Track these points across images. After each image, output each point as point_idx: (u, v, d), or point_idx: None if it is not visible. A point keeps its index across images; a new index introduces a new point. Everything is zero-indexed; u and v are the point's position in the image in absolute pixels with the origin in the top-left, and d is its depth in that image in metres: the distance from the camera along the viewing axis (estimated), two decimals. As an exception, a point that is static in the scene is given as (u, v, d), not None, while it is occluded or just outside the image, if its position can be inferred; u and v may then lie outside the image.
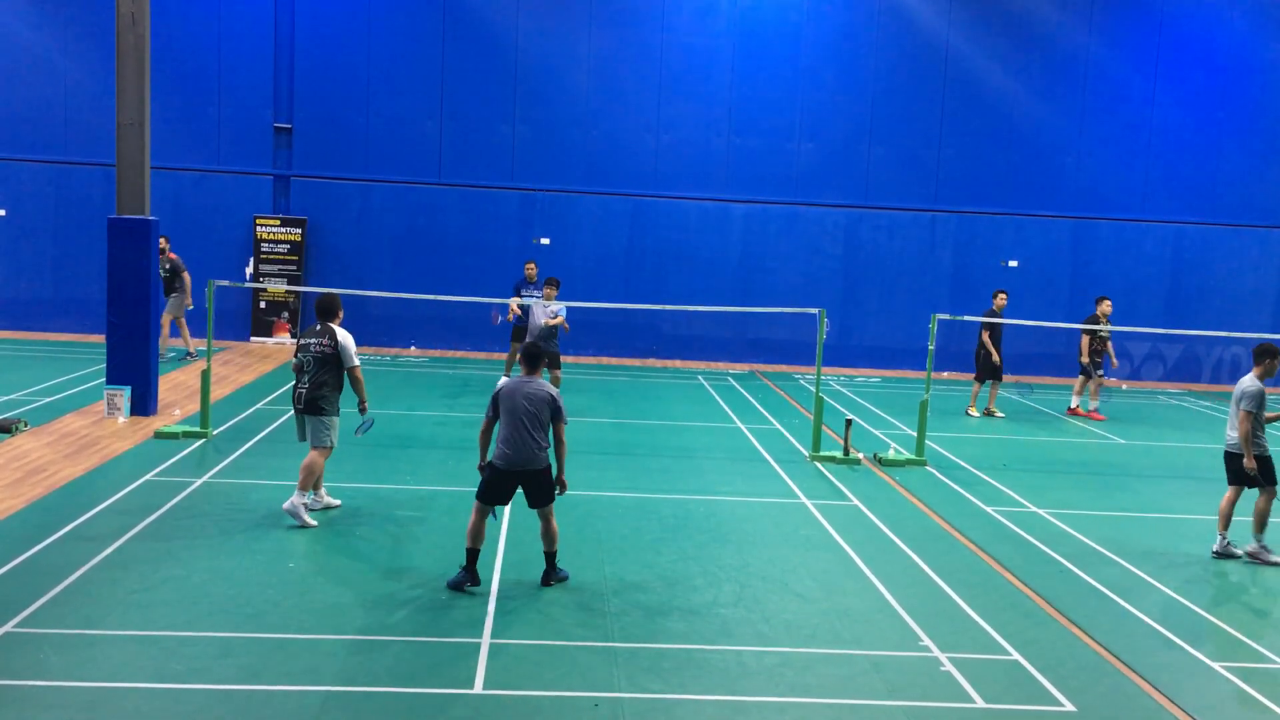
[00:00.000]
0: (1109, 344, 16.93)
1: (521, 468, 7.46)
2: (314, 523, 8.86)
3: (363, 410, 9.21)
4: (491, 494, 7.53)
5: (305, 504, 8.86)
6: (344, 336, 8.97)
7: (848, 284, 21.41)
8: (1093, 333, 16.45)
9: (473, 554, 7.52)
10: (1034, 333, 20.60)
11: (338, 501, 9.47)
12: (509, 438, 7.45)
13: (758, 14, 20.82)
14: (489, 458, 7.61)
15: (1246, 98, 21.55)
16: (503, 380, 7.97)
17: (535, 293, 15.84)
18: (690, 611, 7.32)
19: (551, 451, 7.63)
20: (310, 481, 8.93)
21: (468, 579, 7.47)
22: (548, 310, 14.42)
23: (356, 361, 9.00)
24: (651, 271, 20.93)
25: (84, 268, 19.98)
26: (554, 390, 7.60)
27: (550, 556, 7.72)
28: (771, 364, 21.23)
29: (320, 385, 8.85)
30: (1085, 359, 16.57)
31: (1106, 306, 16.62)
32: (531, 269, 16.26)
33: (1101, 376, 16.88)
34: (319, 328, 9.00)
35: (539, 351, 7.77)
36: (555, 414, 7.55)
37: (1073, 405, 16.86)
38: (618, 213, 21.02)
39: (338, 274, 20.43)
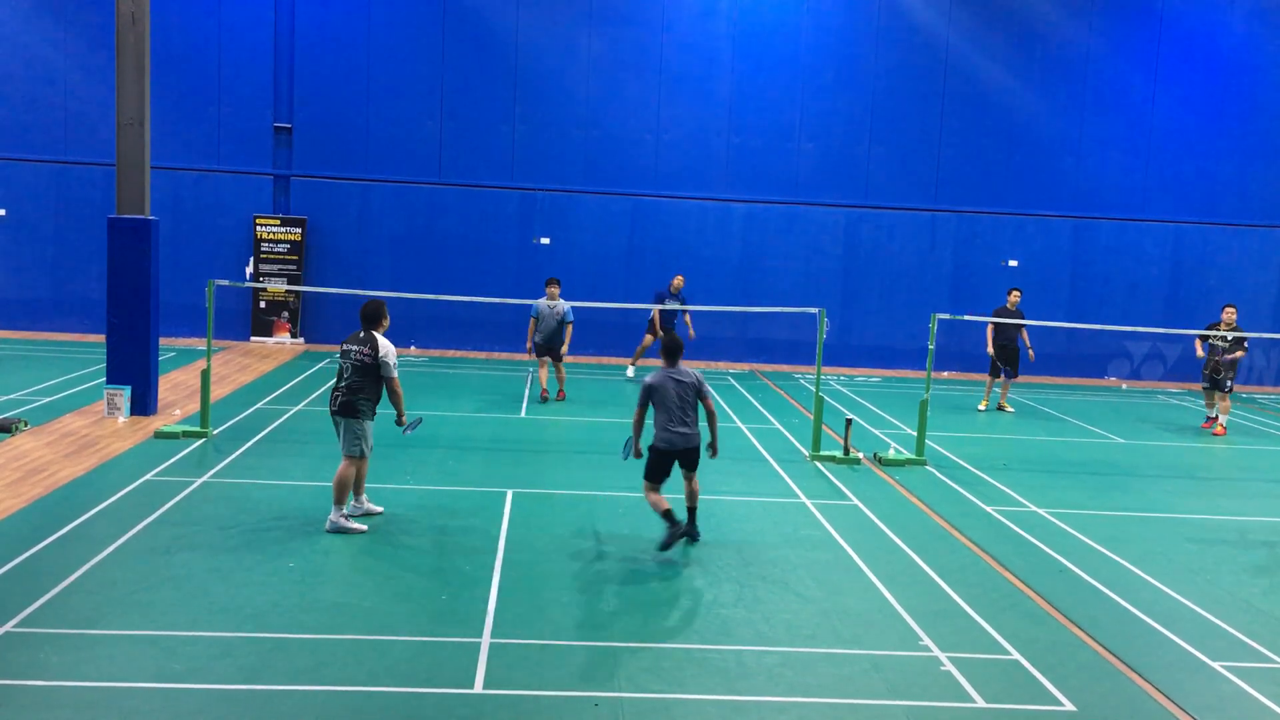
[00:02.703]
0: (1226, 355, 15.54)
1: (682, 447, 8.52)
2: (363, 528, 8.76)
3: (400, 423, 9.11)
4: (657, 472, 8.57)
5: (345, 515, 8.77)
6: (385, 346, 8.79)
7: (848, 284, 21.41)
8: (1204, 338, 15.62)
9: (668, 514, 8.37)
10: (1035, 332, 20.60)
11: (380, 508, 9.26)
12: (668, 423, 8.45)
13: (758, 14, 20.82)
14: (651, 442, 8.62)
15: (1246, 98, 21.56)
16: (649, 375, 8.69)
17: (674, 303, 16.48)
18: (690, 611, 7.32)
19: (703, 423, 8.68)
20: (344, 495, 8.79)
21: (676, 530, 8.32)
22: (555, 310, 15.27)
23: (395, 373, 8.82)
24: (651, 271, 20.92)
25: (84, 268, 20.00)
26: (698, 373, 8.60)
27: (692, 511, 8.78)
28: (771, 364, 21.23)
29: (357, 390, 8.73)
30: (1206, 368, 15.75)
31: (1228, 315, 15.61)
32: (678, 281, 17.34)
33: (1211, 391, 15.82)
34: (362, 335, 8.83)
35: (678, 344, 8.66)
36: (701, 393, 8.56)
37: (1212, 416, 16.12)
38: (618, 213, 21.03)
39: (338, 274, 20.44)
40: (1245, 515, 10.93)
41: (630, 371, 18.55)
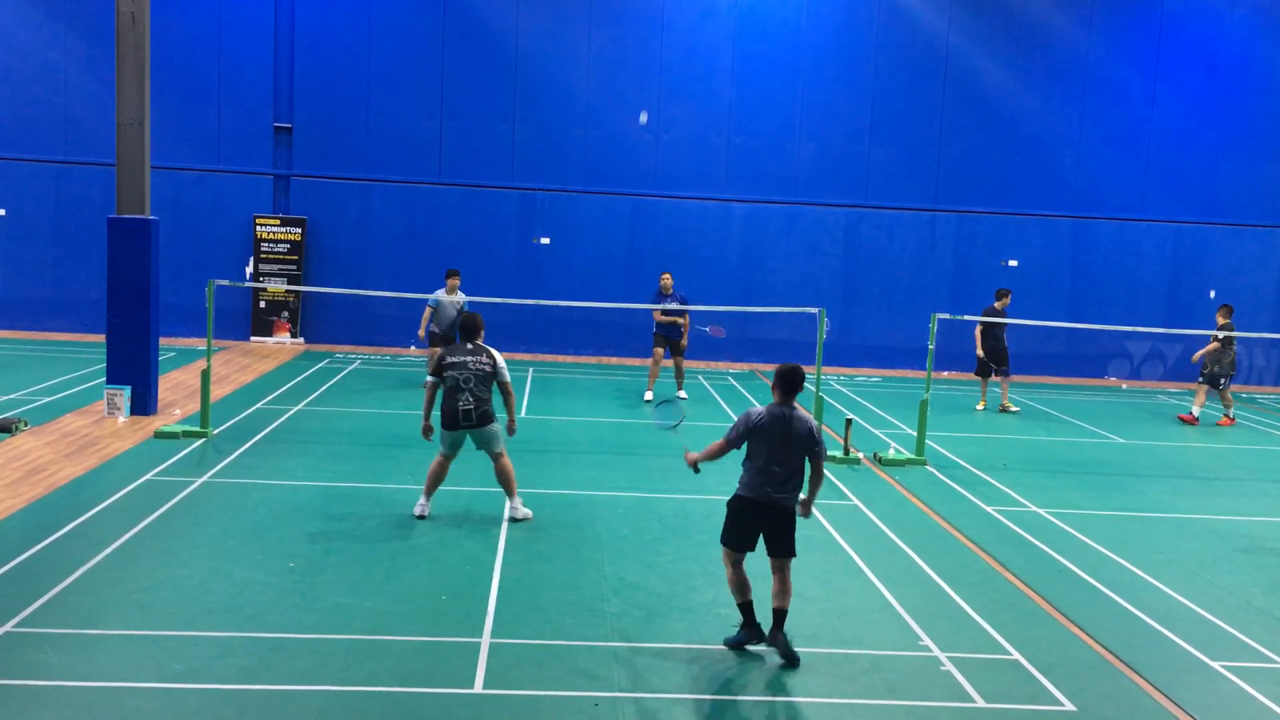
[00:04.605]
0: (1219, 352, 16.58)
1: (776, 503, 6.62)
2: (530, 513, 9.32)
3: (511, 429, 9.36)
4: (739, 534, 6.67)
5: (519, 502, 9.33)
6: (499, 354, 9.24)
7: (848, 284, 21.41)
8: (1224, 341, 16.39)
9: (745, 608, 6.65)
10: (1035, 333, 20.62)
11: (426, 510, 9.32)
12: (775, 470, 6.56)
13: (758, 14, 20.82)
14: (736, 492, 6.74)
15: (1246, 98, 21.56)
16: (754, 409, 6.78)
17: (669, 303, 16.01)
18: (690, 611, 7.31)
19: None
20: (514, 484, 9.32)
21: (749, 636, 6.64)
22: (455, 302, 15.31)
23: (509, 377, 9.26)
24: (651, 271, 20.89)
25: (84, 268, 20.00)
26: (815, 423, 6.68)
27: (781, 614, 6.64)
28: (771, 364, 21.20)
29: (485, 399, 9.03)
30: (1215, 368, 16.45)
31: (1222, 317, 16.58)
32: (668, 279, 16.26)
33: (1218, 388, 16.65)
34: (471, 347, 9.09)
35: (801, 375, 6.70)
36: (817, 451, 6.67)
37: (1214, 414, 16.84)
38: (618, 213, 21.02)
39: (338, 274, 20.44)
40: (1245, 515, 10.93)
41: (648, 395, 16.21)
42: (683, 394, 16.40)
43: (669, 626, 7.03)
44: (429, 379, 9.10)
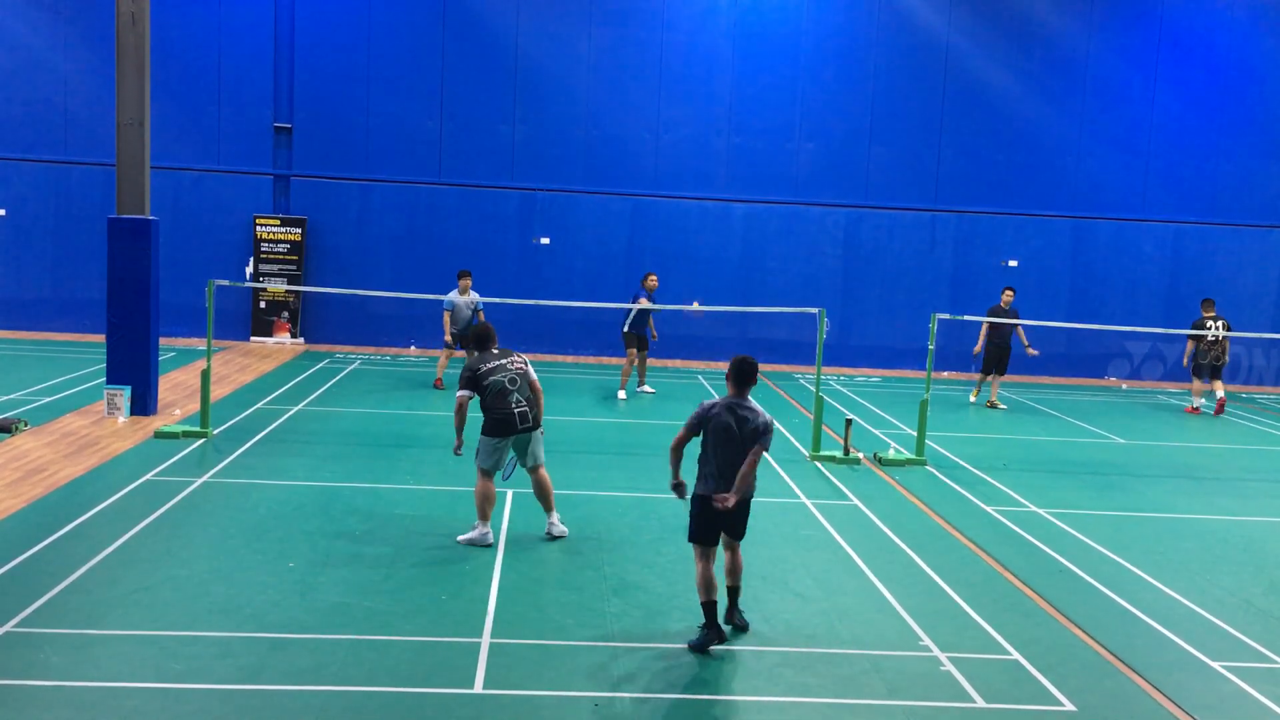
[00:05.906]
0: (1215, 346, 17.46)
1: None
2: (566, 530, 8.89)
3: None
4: (704, 530, 6.79)
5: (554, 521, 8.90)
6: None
7: (848, 284, 21.41)
8: (1198, 338, 17.43)
9: (709, 607, 6.66)
10: (1035, 332, 20.60)
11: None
12: (724, 468, 6.74)
13: (758, 14, 20.82)
14: (694, 490, 6.87)
15: (1246, 98, 21.56)
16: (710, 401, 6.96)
17: (650, 302, 16.21)
18: (690, 611, 7.30)
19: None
20: (553, 498, 8.85)
21: (713, 637, 6.66)
22: (470, 301, 15.73)
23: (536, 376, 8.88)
24: (652, 271, 20.90)
25: (84, 268, 20.00)
26: (769, 418, 6.89)
27: (735, 591, 7.07)
28: (771, 364, 21.21)
29: (532, 401, 8.59)
30: (1186, 362, 17.96)
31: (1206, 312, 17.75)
32: (652, 280, 16.49)
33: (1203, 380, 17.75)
34: (497, 351, 8.68)
35: (752, 368, 6.86)
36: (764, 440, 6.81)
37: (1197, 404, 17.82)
38: (618, 213, 21.02)
39: (338, 274, 20.44)
40: (1245, 515, 10.93)
41: (622, 394, 16.20)
42: (649, 388, 16.97)
43: (669, 626, 7.03)
44: (463, 392, 8.41)
